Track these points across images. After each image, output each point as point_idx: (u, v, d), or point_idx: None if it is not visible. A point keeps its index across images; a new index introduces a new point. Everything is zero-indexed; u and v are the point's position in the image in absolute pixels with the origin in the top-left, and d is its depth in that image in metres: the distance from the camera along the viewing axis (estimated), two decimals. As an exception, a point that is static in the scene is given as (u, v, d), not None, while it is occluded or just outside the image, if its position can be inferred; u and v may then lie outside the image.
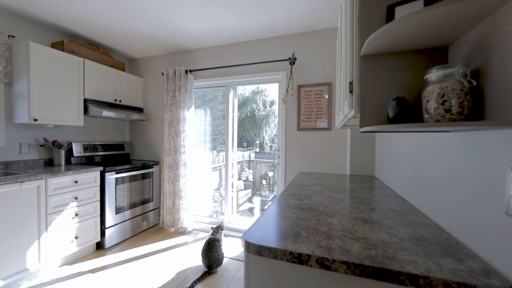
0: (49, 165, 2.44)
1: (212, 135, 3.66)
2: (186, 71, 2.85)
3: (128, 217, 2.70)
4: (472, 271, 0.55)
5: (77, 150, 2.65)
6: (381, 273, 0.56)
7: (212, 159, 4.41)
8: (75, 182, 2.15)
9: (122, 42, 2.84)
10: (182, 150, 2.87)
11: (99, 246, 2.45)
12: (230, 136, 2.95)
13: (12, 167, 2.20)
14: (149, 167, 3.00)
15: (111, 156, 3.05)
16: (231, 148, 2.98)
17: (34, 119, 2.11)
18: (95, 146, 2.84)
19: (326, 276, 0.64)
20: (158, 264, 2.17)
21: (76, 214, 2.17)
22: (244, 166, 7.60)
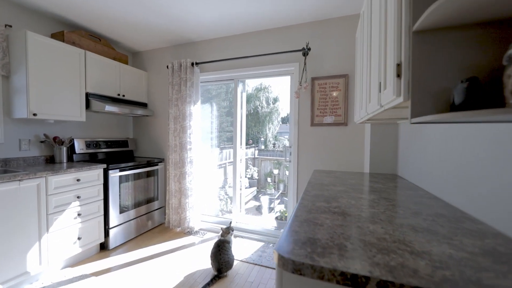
0: (50, 162, 2.33)
1: (216, 132, 3.54)
2: (192, 64, 2.71)
3: (133, 217, 2.59)
4: None
5: (79, 147, 2.53)
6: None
7: (216, 157, 4.29)
8: (77, 180, 2.04)
9: (125, 34, 2.70)
10: (188, 147, 2.74)
11: (103, 247, 2.35)
12: (238, 133, 2.82)
13: (12, 165, 2.09)
14: (154, 165, 2.88)
15: (115, 153, 2.93)
16: (239, 145, 2.85)
17: (33, 114, 1.99)
18: (98, 143, 2.73)
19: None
20: (165, 267, 2.06)
21: (79, 214, 2.06)
22: (249, 164, 7.47)
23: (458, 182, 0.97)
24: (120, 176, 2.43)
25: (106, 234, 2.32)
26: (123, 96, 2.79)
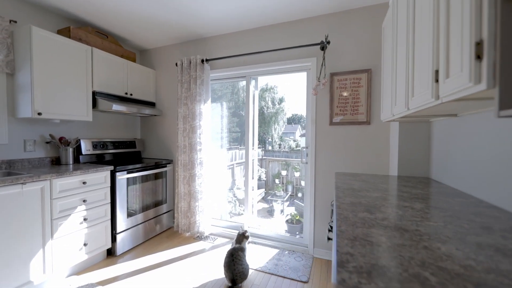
0: (56, 164, 2.24)
1: (226, 132, 3.42)
2: (202, 61, 2.59)
3: (141, 221, 2.48)
4: None
5: (86, 148, 2.43)
6: None
7: (225, 158, 4.17)
8: (83, 183, 1.93)
9: (133, 30, 2.60)
10: (198, 148, 2.61)
11: (110, 253, 2.24)
12: (250, 133, 2.68)
13: (16, 166, 1.99)
14: (162, 166, 2.77)
15: (122, 154, 2.83)
16: (251, 146, 2.70)
17: (38, 113, 1.89)
18: (105, 144, 2.63)
19: None
20: (175, 276, 1.93)
21: (85, 219, 1.95)
22: (257, 165, 7.31)
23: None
24: (128, 179, 2.32)
25: (113, 240, 2.21)
26: (131, 95, 2.69)
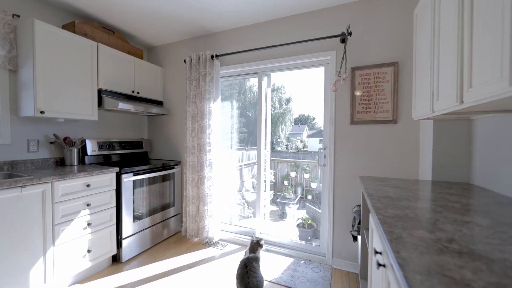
0: (61, 165, 2.14)
1: (236, 132, 3.27)
2: (212, 57, 2.45)
3: (147, 225, 2.35)
4: None
5: (91, 148, 2.33)
6: None
7: (235, 159, 4.03)
8: (87, 186, 1.82)
9: (141, 26, 2.49)
10: (208, 149, 2.47)
11: (115, 259, 2.12)
12: (263, 133, 2.52)
13: (19, 168, 1.90)
14: (170, 168, 2.64)
15: (128, 155, 2.72)
16: (263, 146, 2.54)
17: (41, 112, 1.79)
18: (111, 144, 2.52)
19: None
20: (183, 286, 1.79)
21: (89, 224, 1.83)
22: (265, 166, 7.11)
23: None
24: (134, 181, 2.20)
25: (119, 245, 2.09)
26: (138, 94, 2.58)
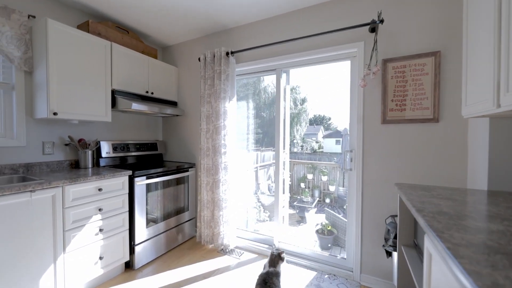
0: (75, 168, 2.10)
1: (253, 133, 3.13)
2: (227, 53, 2.31)
3: (161, 231, 2.26)
4: None
5: (106, 150, 2.28)
6: None
7: (251, 161, 3.88)
8: (99, 190, 1.74)
9: (155, 25, 2.41)
10: (223, 151, 2.34)
11: (128, 266, 2.04)
12: (281, 133, 2.34)
13: (34, 170, 1.88)
14: (184, 171, 2.54)
15: (143, 157, 2.66)
16: (282, 147, 2.37)
17: (54, 113, 1.74)
18: (126, 146, 2.47)
19: None
20: (197, 300, 1.66)
21: (101, 229, 1.76)
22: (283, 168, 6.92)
23: None
24: (147, 184, 2.12)
25: (132, 251, 2.01)
26: (152, 94, 2.51)
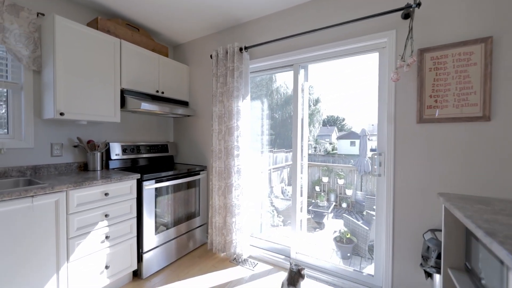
0: (84, 170, 2.03)
1: (267, 134, 2.96)
2: (241, 49, 2.16)
3: (171, 237, 2.14)
4: None
5: (115, 152, 2.20)
6: None
7: (266, 164, 3.71)
8: (106, 195, 1.64)
9: (166, 21, 2.31)
10: (236, 153, 2.19)
11: (136, 274, 1.93)
12: (299, 133, 2.15)
13: (42, 173, 1.81)
14: (195, 174, 2.41)
15: (154, 159, 2.56)
16: (300, 150, 2.17)
17: (60, 113, 1.67)
18: (136, 148, 2.38)
19: None
20: (208, 318, 1.50)
21: (107, 237, 1.65)
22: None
23: None
24: (157, 188, 2.00)
25: (140, 260, 1.90)
26: (162, 93, 2.40)
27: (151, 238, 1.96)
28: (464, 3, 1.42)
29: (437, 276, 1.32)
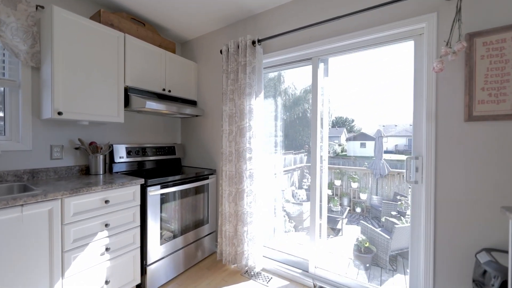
0: (86, 174, 1.90)
1: (282, 135, 2.76)
2: (253, 42, 1.98)
3: (178, 247, 1.97)
4: None
5: (119, 155, 2.06)
6: None
7: (280, 167, 3.51)
8: (106, 202, 1.48)
9: (173, 15, 2.15)
10: (248, 156, 1.99)
11: (140, 289, 1.77)
12: (318, 133, 1.93)
13: (40, 177, 1.68)
14: (204, 178, 2.24)
15: (160, 162, 2.41)
16: (319, 153, 1.95)
17: (58, 113, 1.53)
18: (141, 150, 2.23)
19: None
20: None
21: (107, 248, 1.50)
22: (305, 172, 6.47)
23: None
24: (162, 194, 1.84)
25: (143, 272, 1.73)
26: (169, 92, 2.25)
27: (156, 249, 1.79)
28: (527, -24, 1.17)
29: (500, 310, 1.07)
